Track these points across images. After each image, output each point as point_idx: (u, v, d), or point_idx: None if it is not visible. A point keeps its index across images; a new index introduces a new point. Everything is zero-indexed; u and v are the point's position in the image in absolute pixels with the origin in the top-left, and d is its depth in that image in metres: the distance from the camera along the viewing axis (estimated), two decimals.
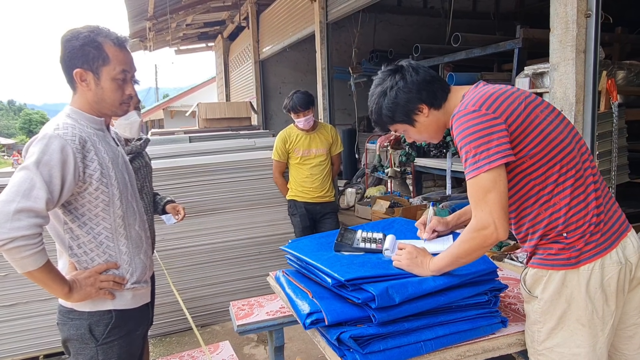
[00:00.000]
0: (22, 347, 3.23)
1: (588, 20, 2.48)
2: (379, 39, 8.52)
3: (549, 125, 1.34)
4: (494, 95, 1.35)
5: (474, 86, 1.43)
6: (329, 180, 3.69)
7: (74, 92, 1.53)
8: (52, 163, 1.35)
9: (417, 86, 1.44)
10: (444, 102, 1.47)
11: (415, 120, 1.48)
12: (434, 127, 1.50)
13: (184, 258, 3.67)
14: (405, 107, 1.46)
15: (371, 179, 6.45)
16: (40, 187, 1.32)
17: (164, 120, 20.34)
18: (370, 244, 1.68)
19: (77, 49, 1.44)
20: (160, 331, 3.55)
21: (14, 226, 1.27)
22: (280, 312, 2.28)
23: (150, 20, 8.45)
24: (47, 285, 1.39)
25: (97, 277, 1.48)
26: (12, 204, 1.28)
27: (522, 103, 1.34)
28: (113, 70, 1.48)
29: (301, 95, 3.48)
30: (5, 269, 3.13)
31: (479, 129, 1.29)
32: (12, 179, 1.33)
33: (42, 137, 1.38)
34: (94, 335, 1.51)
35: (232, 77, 12.44)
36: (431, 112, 1.46)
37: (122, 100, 1.54)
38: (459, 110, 1.35)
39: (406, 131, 1.54)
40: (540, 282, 1.39)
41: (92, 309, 1.51)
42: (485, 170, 1.27)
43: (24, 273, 1.34)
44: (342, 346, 1.34)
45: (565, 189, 1.34)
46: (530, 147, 1.32)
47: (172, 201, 2.48)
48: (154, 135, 6.17)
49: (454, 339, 1.43)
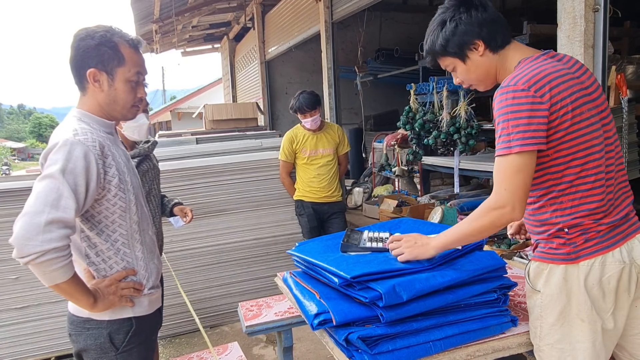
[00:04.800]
0: (34, 349, 3.26)
1: (596, 15, 2.45)
2: (385, 37, 8.50)
3: (587, 127, 1.32)
4: (550, 76, 1.29)
5: (536, 57, 1.37)
6: (336, 180, 3.68)
7: (82, 93, 1.49)
8: (77, 171, 1.32)
9: (480, 22, 1.38)
10: (502, 49, 1.41)
11: (468, 57, 1.42)
12: (484, 69, 1.43)
13: (192, 259, 3.68)
14: (461, 38, 1.39)
15: (378, 178, 6.42)
16: (68, 196, 1.28)
17: (172, 122, 20.44)
18: (377, 243, 1.67)
19: (92, 48, 1.40)
20: (169, 332, 3.57)
21: (45, 238, 1.23)
22: (288, 312, 2.28)
23: (157, 23, 8.49)
24: (73, 297, 1.36)
25: (118, 284, 1.46)
26: (42, 215, 1.24)
27: (573, 95, 1.30)
28: (128, 71, 1.46)
29: (307, 96, 3.48)
30: (16, 272, 3.16)
31: (522, 109, 1.26)
32: (35, 187, 1.29)
33: (63, 143, 1.33)
34: (114, 343, 1.47)
35: (238, 78, 12.46)
36: (486, 53, 1.40)
37: (133, 103, 1.51)
38: (508, 83, 1.31)
39: (455, 68, 1.47)
40: (541, 275, 1.39)
41: (112, 317, 1.47)
42: (516, 152, 1.26)
43: (51, 286, 1.31)
44: (351, 347, 1.34)
45: (578, 191, 1.33)
46: (558, 142, 1.30)
47: (179, 203, 2.49)
48: (162, 137, 6.20)
49: (464, 339, 1.42)
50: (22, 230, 1.23)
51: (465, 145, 4.14)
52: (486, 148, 5.53)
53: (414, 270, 1.44)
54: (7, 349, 3.20)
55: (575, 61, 1.40)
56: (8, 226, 3.11)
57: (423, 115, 4.50)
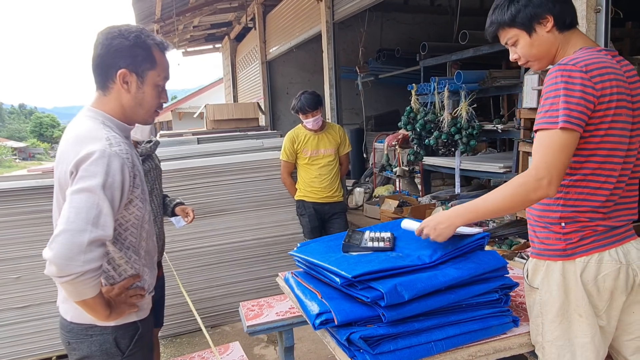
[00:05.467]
0: (35, 349, 3.26)
1: (598, 16, 2.45)
2: (386, 37, 8.50)
3: (619, 130, 1.32)
4: (606, 69, 1.30)
5: (599, 49, 1.38)
6: (337, 180, 3.68)
7: (104, 93, 1.42)
8: (115, 185, 1.29)
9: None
10: (568, 30, 1.41)
11: (535, 31, 1.41)
12: (546, 46, 1.42)
13: (193, 259, 3.69)
14: (534, 10, 1.38)
15: (379, 179, 6.43)
16: (107, 213, 1.26)
17: (172, 122, 20.44)
18: (378, 242, 1.68)
19: (126, 48, 1.36)
20: (170, 332, 3.57)
21: (87, 258, 1.21)
22: (290, 312, 2.28)
23: (158, 23, 8.49)
24: (94, 310, 1.33)
25: (126, 292, 1.44)
26: (85, 234, 1.21)
27: (620, 95, 1.31)
28: (157, 75, 1.43)
29: (309, 96, 3.48)
30: (18, 271, 3.16)
31: (576, 88, 1.26)
32: (73, 201, 1.24)
33: (101, 155, 1.28)
34: (120, 348, 1.45)
35: (239, 78, 12.47)
36: (553, 30, 1.40)
37: (157, 107, 1.48)
38: (567, 62, 1.31)
39: (517, 42, 1.45)
40: (539, 272, 1.41)
41: (118, 322, 1.45)
42: (560, 127, 1.25)
43: (77, 301, 1.29)
44: (352, 347, 1.34)
45: (588, 187, 1.34)
46: (590, 134, 1.31)
47: (181, 203, 2.49)
48: (163, 137, 6.20)
49: (465, 339, 1.42)
50: (65, 249, 1.19)
51: (467, 145, 4.14)
52: (487, 148, 5.53)
53: (416, 269, 1.45)
54: (8, 348, 3.20)
55: (632, 68, 1.40)
56: (9, 225, 3.12)
57: (424, 115, 4.50)
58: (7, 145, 41.85)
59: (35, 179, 3.31)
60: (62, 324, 1.49)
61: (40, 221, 3.14)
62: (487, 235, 1.61)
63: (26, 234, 3.16)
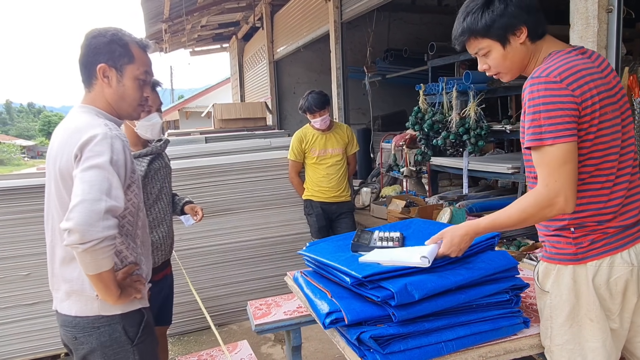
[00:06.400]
0: (43, 345, 3.28)
1: (609, 16, 2.43)
2: (394, 37, 8.49)
3: (609, 128, 1.31)
4: (582, 72, 1.28)
5: (568, 51, 1.35)
6: (345, 180, 3.68)
7: (89, 89, 1.52)
8: (120, 163, 1.36)
9: (528, 7, 1.35)
10: (539, 39, 1.39)
11: (509, 42, 1.37)
12: (519, 57, 1.39)
13: (200, 258, 3.69)
14: (509, 21, 1.34)
15: (386, 179, 6.42)
16: (117, 186, 1.32)
17: (180, 121, 20.52)
18: (387, 242, 1.67)
19: (104, 45, 1.46)
20: (177, 330, 3.58)
21: (105, 225, 1.26)
22: (297, 311, 2.28)
23: (166, 22, 8.53)
24: (107, 287, 1.36)
25: (131, 277, 1.49)
26: (101, 202, 1.27)
27: (600, 94, 1.29)
28: (137, 69, 1.51)
29: (316, 96, 3.48)
30: (27, 269, 3.19)
31: (554, 100, 1.24)
32: (84, 177, 1.30)
33: (104, 136, 1.36)
34: (129, 336, 1.48)
35: (246, 77, 12.49)
36: (526, 41, 1.37)
37: (140, 101, 1.56)
38: (540, 74, 1.29)
39: (490, 53, 1.41)
40: (549, 276, 1.39)
41: (124, 310, 1.48)
42: (549, 144, 1.24)
43: (94, 275, 1.32)
44: (362, 346, 1.34)
45: (588, 190, 1.33)
46: (580, 140, 1.29)
47: (190, 202, 2.49)
48: (171, 136, 6.23)
49: (475, 340, 1.42)
50: (85, 216, 1.24)
51: (475, 146, 4.12)
52: (495, 149, 5.51)
53: (426, 269, 1.44)
54: (17, 344, 3.23)
55: (603, 59, 1.38)
56: (19, 223, 3.14)
57: (432, 115, 4.49)
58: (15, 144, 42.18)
59: (44, 177, 3.33)
60: (64, 321, 1.50)
61: None
62: (498, 235, 1.60)
63: (35, 231, 3.17)
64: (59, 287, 1.51)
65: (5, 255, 3.15)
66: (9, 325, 3.20)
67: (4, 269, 3.15)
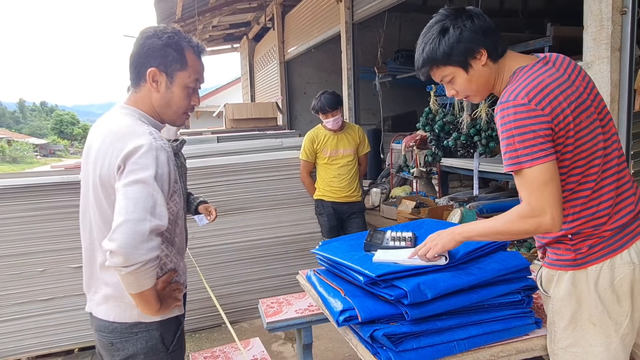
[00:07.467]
0: (58, 340, 3.34)
1: (623, 17, 2.43)
2: (404, 38, 8.47)
3: (588, 134, 1.31)
4: (549, 87, 1.28)
5: (531, 65, 1.35)
6: (356, 180, 3.70)
7: (136, 90, 1.45)
8: (164, 177, 1.31)
9: (484, 30, 1.35)
10: (500, 58, 1.39)
11: (471, 66, 1.37)
12: (484, 79, 1.40)
13: (212, 256, 3.73)
14: (466, 46, 1.35)
15: (396, 179, 6.42)
16: (161, 203, 1.27)
17: (190, 121, 20.66)
18: (400, 242, 1.69)
19: (158, 48, 1.39)
20: (190, 327, 3.62)
21: (149, 247, 1.22)
22: (309, 310, 2.30)
23: (178, 23, 8.61)
24: (148, 302, 1.33)
25: (170, 286, 1.45)
26: (145, 222, 1.22)
27: (572, 104, 1.29)
28: (188, 77, 1.44)
29: (329, 96, 3.51)
30: (42, 265, 3.25)
31: (525, 124, 1.25)
32: (128, 193, 1.25)
33: (149, 148, 1.30)
34: (164, 344, 1.46)
35: (257, 77, 12.55)
36: (488, 63, 1.37)
37: (186, 109, 1.49)
38: (507, 98, 1.29)
39: (454, 79, 1.42)
40: (551, 281, 1.40)
41: (163, 317, 1.45)
42: (528, 167, 1.24)
43: (135, 293, 1.29)
44: (375, 344, 1.36)
45: (579, 198, 1.33)
46: (561, 153, 1.30)
47: (204, 202, 2.53)
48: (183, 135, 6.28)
49: (487, 339, 1.43)
50: (129, 238, 1.20)
51: (486, 147, 4.12)
52: None
53: (439, 268, 1.46)
54: (32, 339, 3.29)
55: (569, 62, 1.38)
56: (34, 220, 3.20)
57: (443, 116, 4.49)
58: (28, 142, 42.70)
59: (60, 175, 3.39)
60: (101, 325, 1.45)
61: (65, 216, 3.22)
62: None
63: (51, 228, 3.24)
64: (98, 289, 1.46)
65: (22, 251, 3.21)
66: (24, 320, 3.26)
67: (20, 265, 3.22)
